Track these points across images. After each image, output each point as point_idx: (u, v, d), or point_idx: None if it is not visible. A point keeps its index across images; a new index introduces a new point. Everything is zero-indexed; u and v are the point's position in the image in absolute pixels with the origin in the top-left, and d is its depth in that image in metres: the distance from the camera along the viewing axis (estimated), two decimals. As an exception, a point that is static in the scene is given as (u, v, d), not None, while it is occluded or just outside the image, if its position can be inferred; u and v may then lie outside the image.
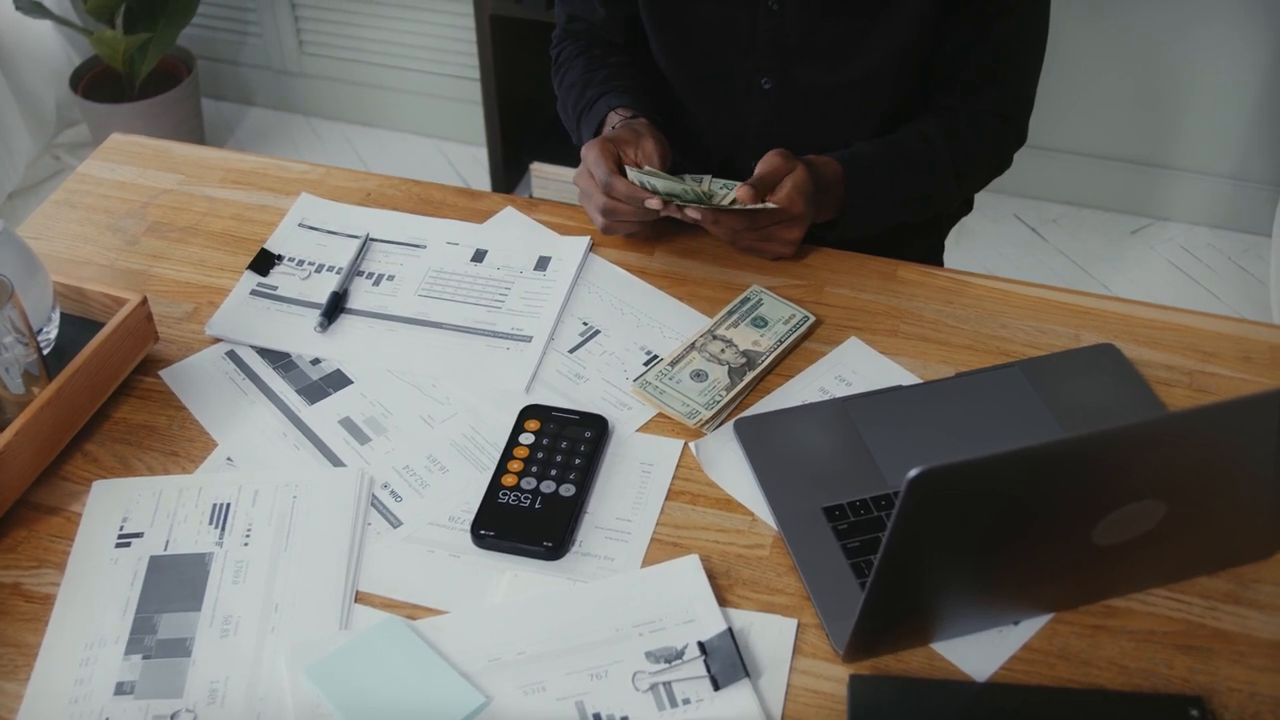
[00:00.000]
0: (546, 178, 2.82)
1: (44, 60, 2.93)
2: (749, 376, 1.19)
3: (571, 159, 2.78)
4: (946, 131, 1.39)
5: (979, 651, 0.98)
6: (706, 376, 1.19)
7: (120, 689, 0.95)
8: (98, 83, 2.90)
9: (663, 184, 1.23)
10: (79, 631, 0.99)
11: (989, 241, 2.77)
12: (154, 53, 2.80)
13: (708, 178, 1.30)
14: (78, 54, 2.98)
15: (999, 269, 2.69)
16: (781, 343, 1.23)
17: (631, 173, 1.26)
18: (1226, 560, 1.03)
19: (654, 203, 1.23)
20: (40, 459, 1.11)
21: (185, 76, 2.90)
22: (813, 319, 1.25)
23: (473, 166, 3.02)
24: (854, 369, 1.21)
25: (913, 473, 0.77)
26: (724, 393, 1.18)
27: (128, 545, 1.05)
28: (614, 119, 1.38)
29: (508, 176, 2.85)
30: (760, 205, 1.24)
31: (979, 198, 1.61)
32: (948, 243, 1.65)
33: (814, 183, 1.28)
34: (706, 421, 1.15)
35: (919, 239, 1.57)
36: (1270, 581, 1.03)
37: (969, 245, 2.74)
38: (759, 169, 1.27)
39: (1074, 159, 2.80)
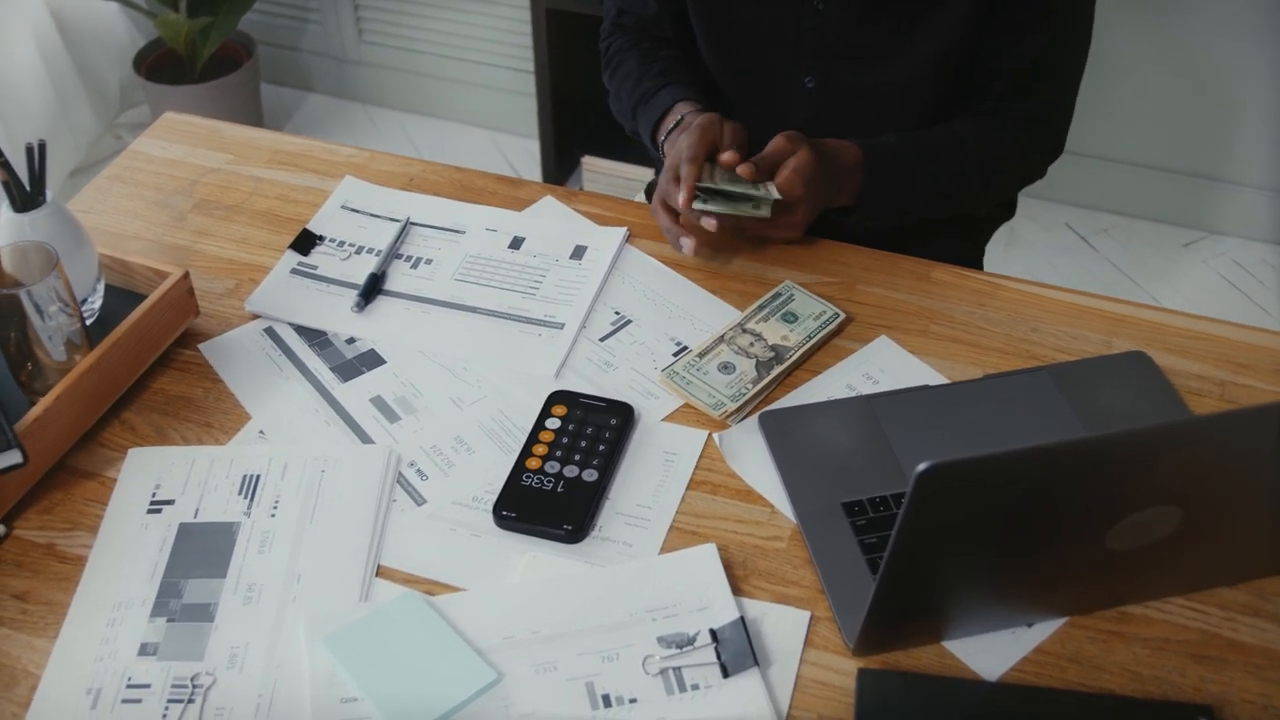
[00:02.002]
0: (597, 171, 2.83)
1: (109, 41, 2.99)
2: (776, 370, 1.20)
3: (623, 153, 2.80)
4: (978, 131, 1.39)
5: (991, 651, 0.98)
6: (734, 369, 1.20)
7: (144, 650, 0.98)
8: (160, 65, 2.95)
9: (716, 203, 1.26)
10: (107, 593, 1.02)
11: (1038, 250, 2.75)
12: (216, 36, 2.85)
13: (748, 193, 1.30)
14: (142, 36, 3.04)
15: (1046, 277, 2.66)
16: (811, 338, 1.23)
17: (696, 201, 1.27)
18: (1246, 572, 1.02)
19: (709, 223, 1.25)
20: (79, 425, 1.14)
21: (246, 61, 2.95)
22: (843, 316, 1.26)
23: (525, 158, 3.04)
24: (882, 367, 1.22)
25: (921, 466, 0.77)
26: (750, 385, 1.18)
27: (159, 511, 1.08)
28: (683, 109, 1.39)
29: (559, 169, 2.87)
30: (756, 190, 1.25)
31: (1030, 204, 1.60)
32: (997, 248, 1.64)
33: (820, 167, 1.27)
34: (732, 413, 1.16)
35: (957, 245, 1.56)
36: (1292, 595, 1.03)
37: (1018, 252, 2.72)
38: (766, 149, 1.28)
39: (1128, 169, 2.77)
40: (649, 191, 1.69)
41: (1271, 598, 1.02)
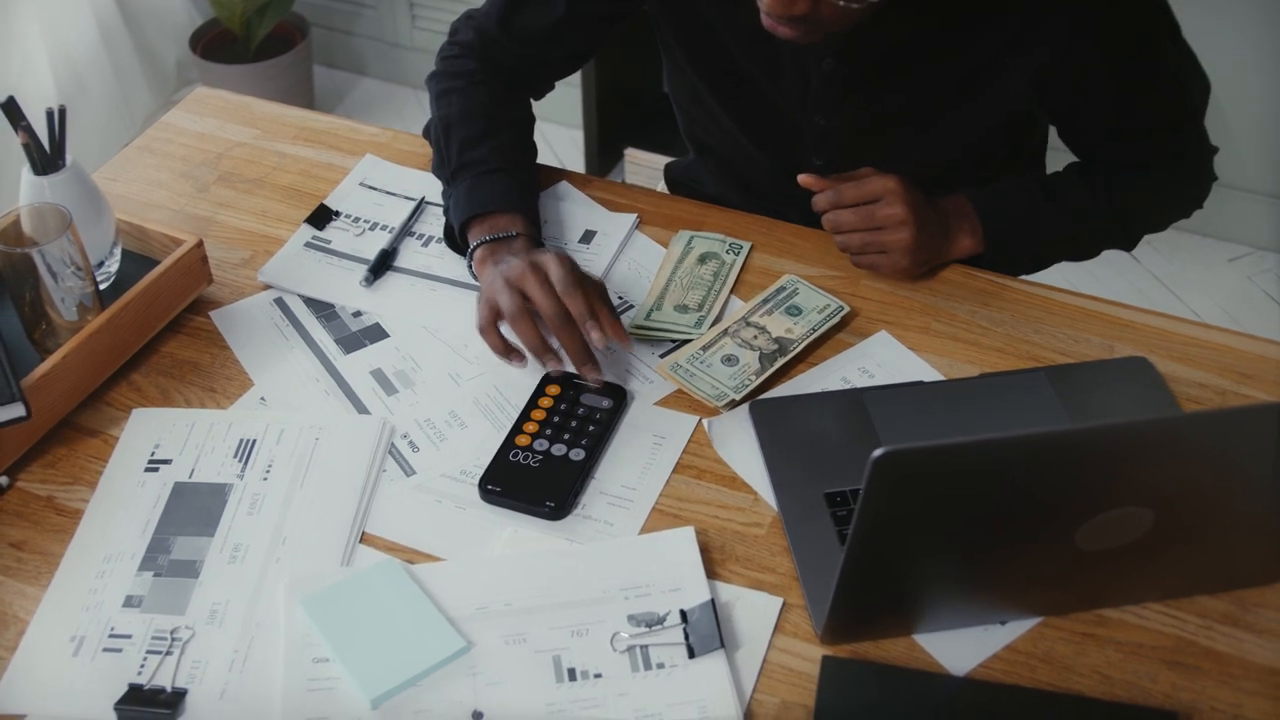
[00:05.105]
0: (640, 163, 2.85)
1: (167, 20, 3.06)
2: (780, 362, 1.20)
3: (666, 146, 2.81)
4: (1091, 164, 1.37)
5: (961, 647, 0.98)
6: (738, 361, 1.21)
7: (129, 601, 1.00)
8: (216, 44, 3.01)
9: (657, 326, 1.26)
10: (100, 546, 1.05)
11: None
12: (271, 17, 2.90)
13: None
14: (199, 15, 3.10)
15: (1086, 288, 2.63)
16: (815, 330, 1.23)
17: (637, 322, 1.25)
18: (1227, 581, 1.01)
19: (518, 362, 1.18)
20: (87, 383, 1.17)
21: (299, 42, 2.99)
22: (847, 309, 1.26)
23: (570, 149, 3.06)
24: (879, 362, 1.22)
25: (877, 452, 0.77)
26: (754, 377, 1.19)
27: (156, 470, 1.11)
28: (518, 225, 1.27)
29: (603, 160, 2.89)
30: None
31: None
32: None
33: (916, 188, 1.25)
34: (733, 403, 1.17)
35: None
36: (1274, 607, 1.01)
37: (1058, 261, 2.69)
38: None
39: (1175, 181, 2.73)
40: (669, 178, 1.69)
41: (1252, 608, 1.01)
